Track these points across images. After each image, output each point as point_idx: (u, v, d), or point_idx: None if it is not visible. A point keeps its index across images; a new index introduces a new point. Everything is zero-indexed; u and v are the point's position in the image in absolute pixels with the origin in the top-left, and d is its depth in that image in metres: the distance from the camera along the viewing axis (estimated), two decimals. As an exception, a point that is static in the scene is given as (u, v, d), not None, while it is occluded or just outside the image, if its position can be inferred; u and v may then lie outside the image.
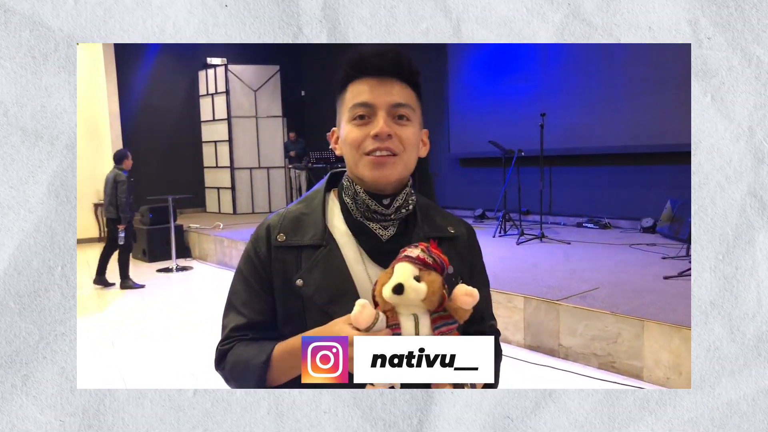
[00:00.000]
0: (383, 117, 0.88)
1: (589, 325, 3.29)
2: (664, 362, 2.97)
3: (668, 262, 4.59)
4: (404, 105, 0.91)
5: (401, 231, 0.97)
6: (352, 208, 0.96)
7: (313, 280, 0.91)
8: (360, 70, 0.91)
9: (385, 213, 0.94)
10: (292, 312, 0.92)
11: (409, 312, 0.81)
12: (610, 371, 3.17)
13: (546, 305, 3.51)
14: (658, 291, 3.64)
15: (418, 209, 1.00)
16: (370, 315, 0.81)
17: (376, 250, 0.94)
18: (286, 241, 0.94)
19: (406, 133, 0.90)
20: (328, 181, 1.03)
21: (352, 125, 0.90)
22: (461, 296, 0.81)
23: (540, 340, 3.54)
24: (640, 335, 3.07)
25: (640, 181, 6.81)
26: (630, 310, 3.23)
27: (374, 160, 0.89)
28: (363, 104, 0.89)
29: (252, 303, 0.95)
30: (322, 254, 0.92)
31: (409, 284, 0.78)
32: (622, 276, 4.13)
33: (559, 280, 4.06)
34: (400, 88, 0.91)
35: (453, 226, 1.03)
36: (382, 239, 0.95)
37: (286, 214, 0.98)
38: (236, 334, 0.94)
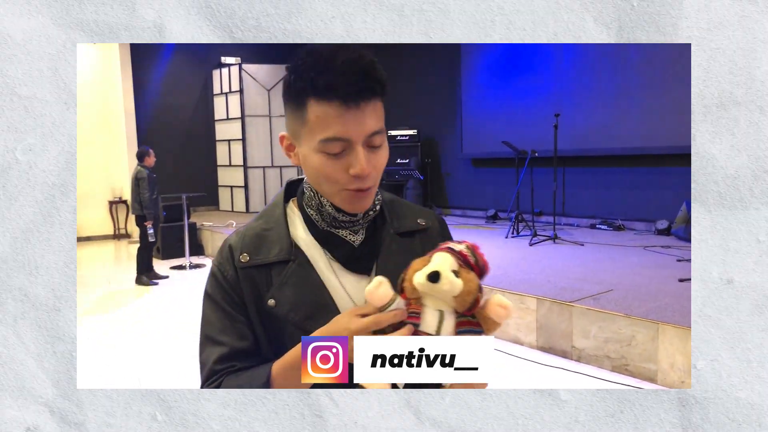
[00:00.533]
0: (362, 153, 0.79)
1: (602, 327, 3.27)
2: (679, 365, 2.94)
3: (683, 265, 4.54)
4: (379, 132, 0.80)
5: (371, 233, 0.91)
6: (317, 219, 0.89)
7: (285, 297, 0.85)
8: (324, 92, 0.77)
9: (353, 220, 0.88)
10: (269, 334, 0.86)
11: (436, 306, 0.77)
12: (623, 374, 3.14)
13: (559, 307, 3.49)
14: (673, 294, 3.60)
15: (384, 206, 0.94)
16: (386, 294, 0.77)
17: (348, 257, 0.88)
18: (251, 260, 0.87)
19: (381, 159, 0.82)
20: (285, 191, 0.96)
21: (324, 157, 0.80)
22: (495, 306, 0.76)
23: (552, 342, 3.52)
24: (654, 338, 3.04)
25: (654, 182, 6.75)
26: (644, 312, 3.20)
27: (355, 196, 0.83)
28: (337, 139, 0.78)
29: (230, 329, 0.87)
30: (291, 269, 0.86)
31: (447, 275, 0.74)
32: (636, 278, 4.10)
33: (572, 281, 4.04)
34: (372, 110, 0.79)
35: (423, 218, 0.98)
36: (354, 245, 0.89)
37: (246, 232, 0.91)
38: (220, 368, 0.86)
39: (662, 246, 5.51)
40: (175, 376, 3.41)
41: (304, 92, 0.78)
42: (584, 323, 3.36)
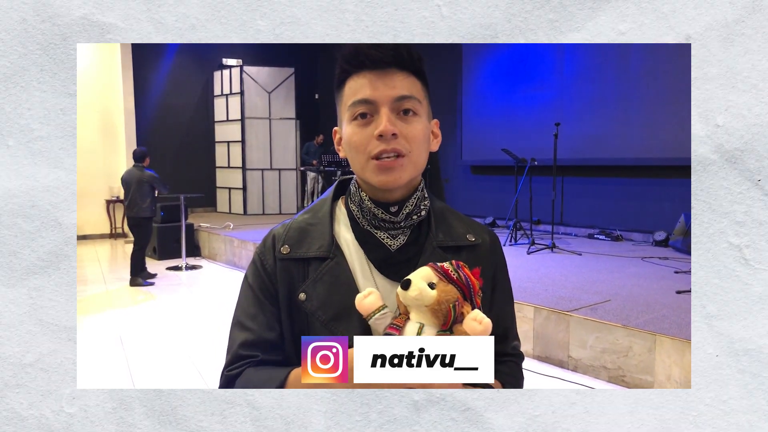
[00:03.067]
0: (386, 114, 0.80)
1: (599, 337, 3.26)
2: (676, 377, 2.93)
3: (681, 277, 4.53)
4: (409, 97, 0.82)
5: (413, 239, 0.88)
6: (358, 216, 0.89)
7: (316, 294, 0.85)
8: (357, 64, 0.82)
9: (393, 221, 0.87)
10: (296, 328, 0.86)
11: (417, 319, 0.78)
12: (620, 385, 3.13)
13: (556, 316, 3.48)
14: (671, 305, 3.59)
15: (432, 214, 0.91)
16: (374, 303, 0.78)
17: (384, 261, 0.87)
18: (291, 253, 0.87)
19: (413, 129, 0.82)
20: (336, 189, 0.96)
21: (354, 125, 0.83)
22: (470, 320, 0.76)
23: (549, 351, 3.51)
24: (652, 349, 3.02)
25: (653, 193, 6.76)
26: (642, 323, 3.19)
27: (381, 165, 0.81)
28: (363, 101, 0.81)
29: (260, 318, 0.88)
30: (328, 267, 0.86)
31: (417, 283, 0.75)
32: (634, 289, 4.09)
33: (570, 291, 4.03)
34: (403, 78, 0.82)
35: (473, 233, 0.93)
36: (390, 249, 0.87)
37: (292, 224, 0.91)
38: (244, 353, 0.87)
39: (660, 257, 5.51)
40: (173, 376, 3.39)
41: (343, 73, 0.85)
42: (581, 333, 3.34)
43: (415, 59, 0.84)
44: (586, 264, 5.23)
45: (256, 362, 0.87)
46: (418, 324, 0.77)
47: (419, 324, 0.77)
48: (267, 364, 0.87)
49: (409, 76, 0.83)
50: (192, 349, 3.88)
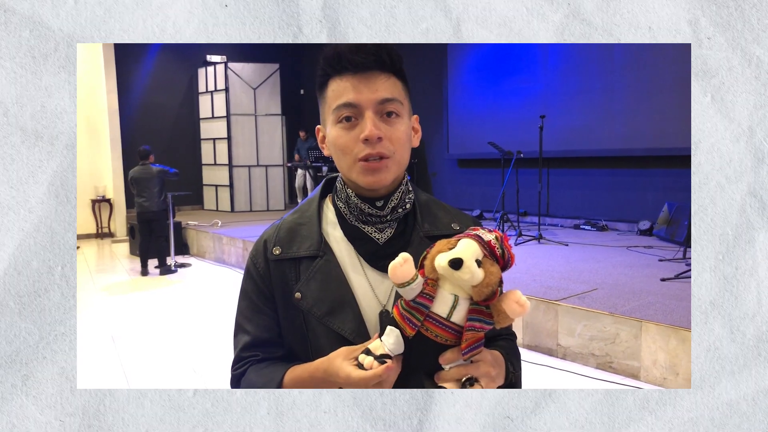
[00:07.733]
0: (371, 118, 0.82)
1: (587, 325, 3.32)
2: (661, 363, 3.00)
3: (665, 265, 4.62)
4: (391, 100, 0.84)
5: (399, 232, 0.91)
6: (345, 213, 0.91)
7: (310, 292, 0.87)
8: (339, 68, 0.84)
9: (379, 215, 0.89)
10: (293, 326, 0.89)
11: (451, 291, 0.75)
12: (607, 371, 3.20)
13: (545, 305, 3.54)
14: (656, 293, 3.67)
15: (417, 206, 0.94)
16: (409, 271, 0.74)
17: (373, 254, 0.89)
18: (282, 253, 0.90)
19: (396, 131, 0.85)
20: (323, 188, 0.98)
21: (339, 128, 0.85)
22: (512, 302, 0.74)
23: (538, 340, 3.57)
24: (638, 336, 3.10)
25: (637, 183, 6.86)
26: (628, 311, 3.26)
27: (367, 167, 0.83)
28: (347, 105, 0.83)
29: (257, 320, 0.92)
30: (319, 265, 0.88)
31: (469, 264, 0.72)
32: (619, 278, 4.16)
33: (558, 280, 4.09)
34: (385, 80, 0.84)
35: (457, 222, 0.95)
36: (378, 242, 0.90)
37: (282, 225, 0.94)
38: (246, 354, 0.92)
39: (645, 246, 5.60)
40: (163, 373, 3.39)
41: (325, 75, 0.86)
42: (569, 321, 3.41)
43: (396, 60, 0.86)
44: (572, 254, 5.30)
45: (257, 360, 0.92)
46: (452, 296, 0.75)
47: (454, 296, 0.75)
48: (268, 361, 0.92)
49: (390, 77, 0.85)
50: (185, 346, 3.89)
